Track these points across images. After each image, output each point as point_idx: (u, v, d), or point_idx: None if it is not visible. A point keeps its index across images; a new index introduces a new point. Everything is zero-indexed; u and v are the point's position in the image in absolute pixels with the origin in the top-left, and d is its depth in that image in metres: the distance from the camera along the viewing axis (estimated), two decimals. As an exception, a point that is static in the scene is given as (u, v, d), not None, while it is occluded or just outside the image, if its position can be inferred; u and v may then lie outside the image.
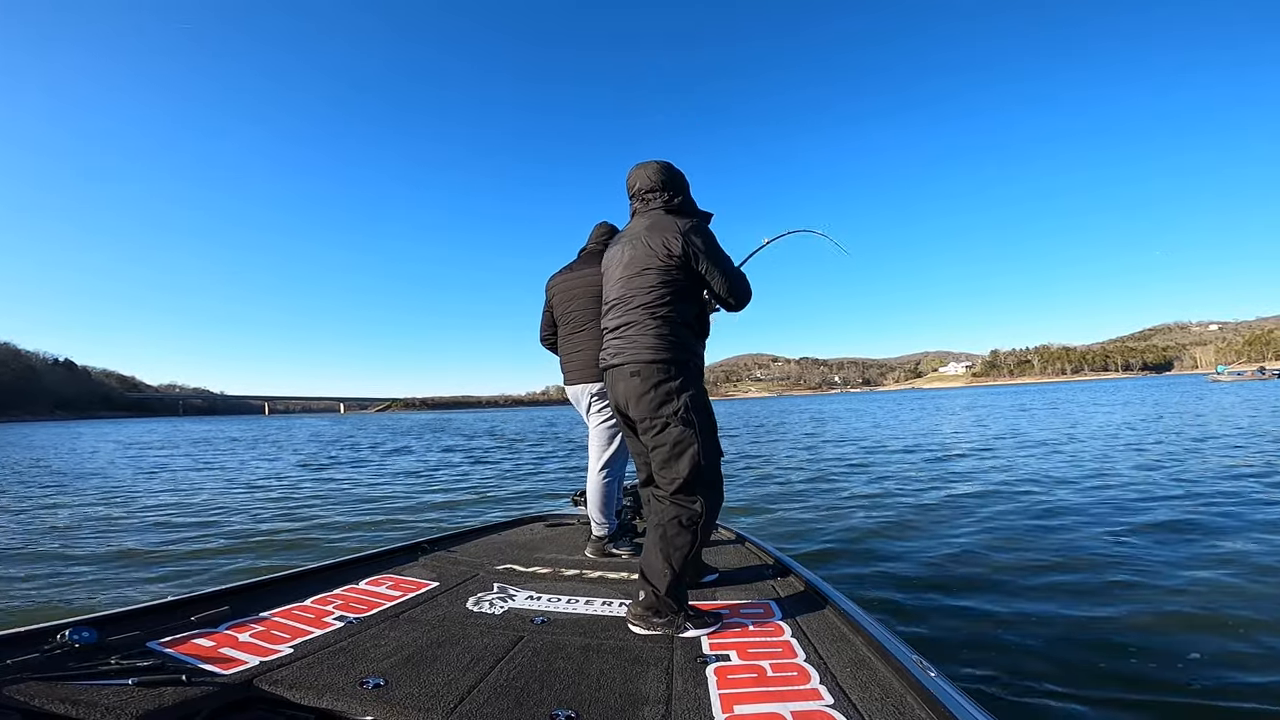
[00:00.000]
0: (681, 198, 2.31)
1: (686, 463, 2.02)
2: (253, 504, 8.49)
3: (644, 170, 2.30)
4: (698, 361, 2.20)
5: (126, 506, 8.49)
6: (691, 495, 2.04)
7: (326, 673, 1.59)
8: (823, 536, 5.45)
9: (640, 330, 2.12)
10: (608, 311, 2.30)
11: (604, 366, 2.27)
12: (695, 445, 2.03)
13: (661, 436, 2.06)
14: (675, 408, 2.05)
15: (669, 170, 2.30)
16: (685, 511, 2.03)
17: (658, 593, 1.93)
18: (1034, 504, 6.37)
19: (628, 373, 2.11)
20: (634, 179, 2.34)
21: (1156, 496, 6.39)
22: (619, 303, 2.23)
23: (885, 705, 1.41)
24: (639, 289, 2.16)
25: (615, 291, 2.27)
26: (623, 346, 2.15)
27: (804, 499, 7.41)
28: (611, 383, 2.23)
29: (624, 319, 2.18)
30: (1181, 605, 3.36)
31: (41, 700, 1.34)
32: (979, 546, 4.81)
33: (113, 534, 6.49)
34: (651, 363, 2.07)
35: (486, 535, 3.56)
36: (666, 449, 2.05)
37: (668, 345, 2.09)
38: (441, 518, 7.36)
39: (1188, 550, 4.41)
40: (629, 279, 2.19)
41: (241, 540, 6.07)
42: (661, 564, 1.97)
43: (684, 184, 2.34)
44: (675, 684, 1.55)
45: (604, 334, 2.31)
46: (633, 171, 2.35)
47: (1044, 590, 3.72)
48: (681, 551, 1.99)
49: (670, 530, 2.01)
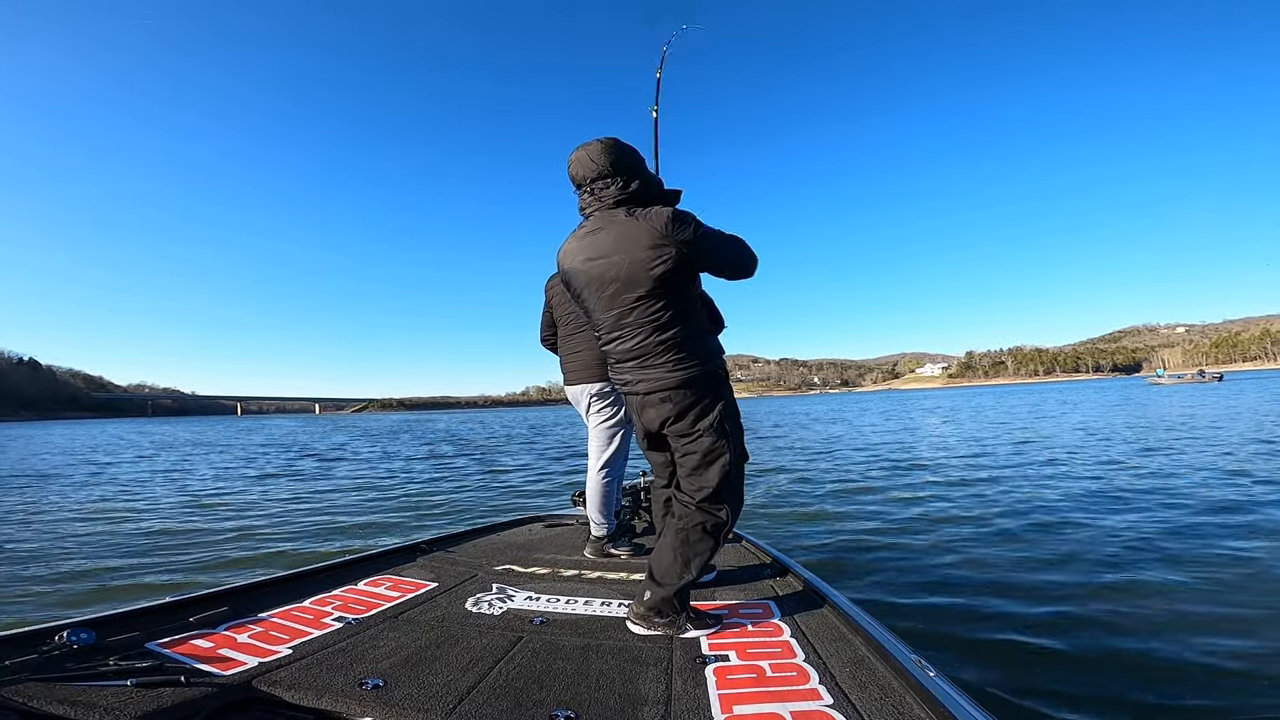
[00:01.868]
0: (639, 181, 1.96)
1: (716, 472, 1.97)
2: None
3: (585, 153, 1.94)
4: (722, 362, 2.07)
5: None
6: (719, 504, 2.00)
7: (325, 673, 1.59)
8: (817, 536, 5.47)
9: (658, 358, 1.95)
10: (609, 339, 2.07)
11: (627, 392, 2.11)
12: (727, 455, 1.98)
13: (693, 446, 2.00)
14: (711, 420, 1.97)
15: (616, 149, 1.94)
16: (711, 519, 1.99)
17: (665, 593, 1.92)
18: (1024, 502, 6.47)
19: (657, 400, 1.99)
20: (576, 166, 1.97)
21: (1164, 502, 6.33)
22: (621, 333, 2.00)
23: (884, 705, 1.41)
24: (643, 320, 1.92)
25: (609, 319, 2.01)
26: (645, 374, 1.99)
27: (798, 500, 7.42)
28: (638, 408, 2.09)
29: (635, 349, 1.98)
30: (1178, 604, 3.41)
31: (40, 701, 1.32)
32: (978, 546, 4.85)
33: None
34: (680, 387, 1.95)
35: (485, 535, 3.55)
36: (697, 457, 1.99)
37: (692, 363, 1.95)
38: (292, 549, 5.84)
39: (1184, 549, 4.47)
40: (622, 301, 1.94)
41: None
42: (680, 566, 1.95)
43: (636, 162, 1.99)
44: (675, 684, 1.55)
45: (611, 360, 2.15)
46: (573, 156, 1.97)
47: (1042, 589, 3.74)
48: (702, 557, 1.97)
49: (693, 535, 1.98)
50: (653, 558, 2.05)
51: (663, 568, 1.97)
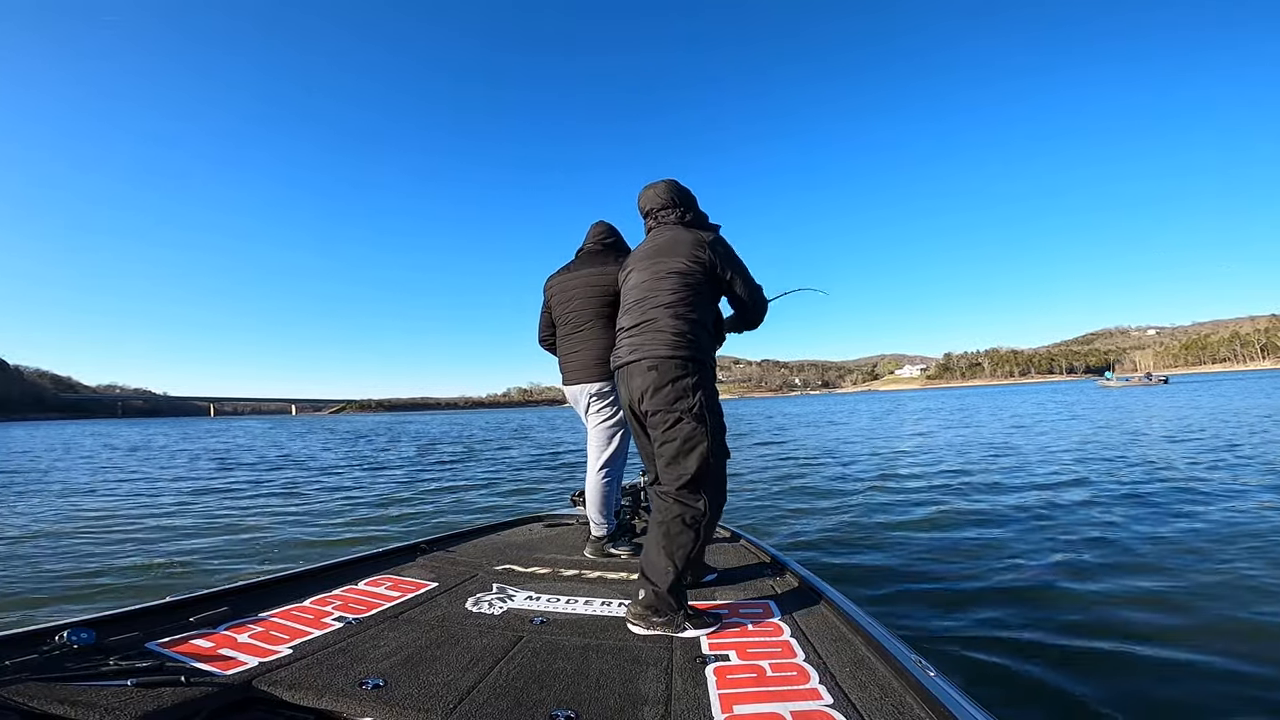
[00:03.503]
0: (693, 213, 2.46)
1: (695, 459, 2.04)
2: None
3: (654, 190, 2.47)
4: (712, 363, 2.24)
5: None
6: (696, 494, 2.06)
7: (326, 673, 1.58)
8: (811, 533, 5.51)
9: (659, 327, 2.15)
10: (627, 310, 2.34)
11: (618, 364, 2.28)
12: (705, 443, 2.05)
13: (672, 432, 2.08)
14: (690, 404, 2.07)
15: (678, 187, 2.47)
16: (689, 510, 2.04)
17: (658, 591, 1.94)
18: (1014, 501, 6.55)
19: (645, 367, 2.13)
20: (646, 199, 2.50)
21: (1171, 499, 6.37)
22: (640, 302, 2.27)
23: (885, 705, 1.42)
24: (661, 290, 2.22)
25: (636, 292, 2.32)
26: (640, 343, 2.18)
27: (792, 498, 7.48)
28: (626, 378, 2.23)
29: (642, 318, 2.22)
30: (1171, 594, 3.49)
31: (40, 701, 1.31)
32: (975, 544, 4.89)
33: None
34: (669, 358, 2.09)
35: (485, 535, 3.54)
36: (676, 444, 2.06)
37: (686, 343, 2.12)
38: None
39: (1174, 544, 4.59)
40: (652, 281, 2.26)
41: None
42: (665, 562, 1.98)
43: (693, 199, 2.49)
44: (675, 684, 1.56)
45: (620, 335, 2.34)
46: (644, 192, 2.51)
47: (1040, 589, 3.77)
48: (684, 550, 2.01)
49: (674, 528, 2.03)
50: (643, 557, 2.09)
51: (651, 565, 2.01)
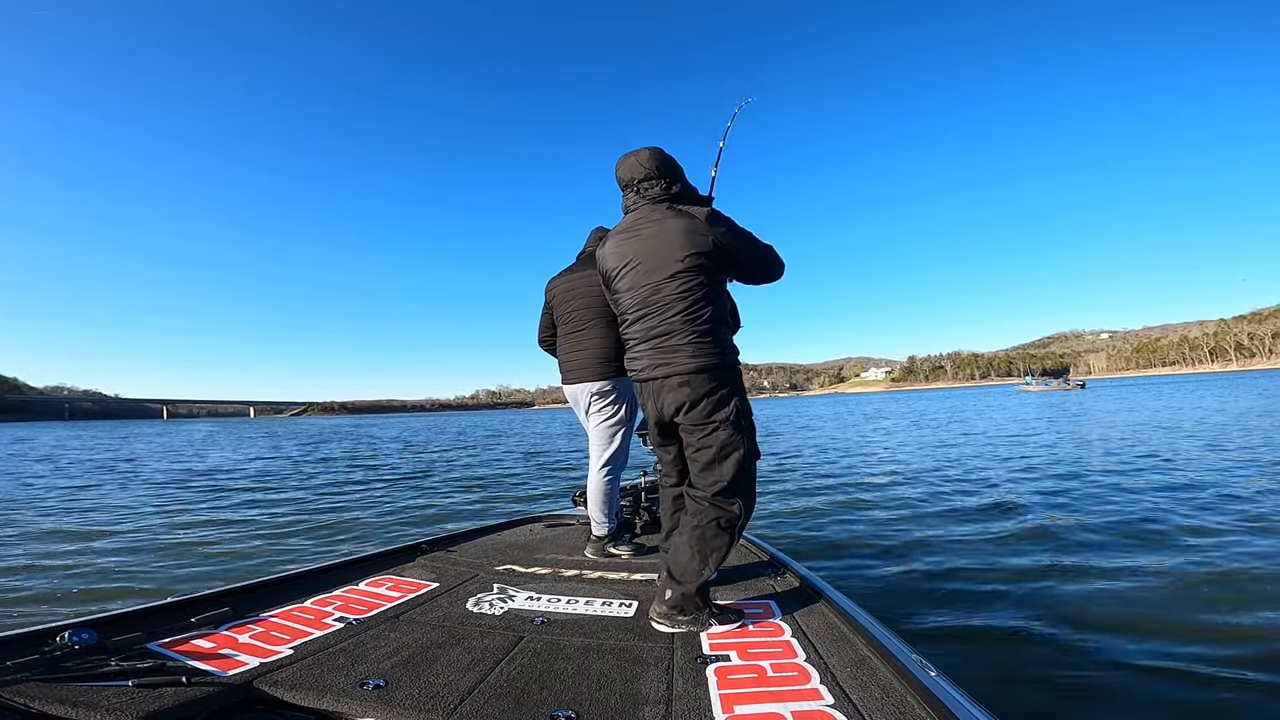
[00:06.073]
0: (679, 185, 2.18)
1: (731, 466, 2.01)
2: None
3: (635, 159, 2.16)
4: (738, 358, 2.15)
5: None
6: (731, 498, 2.03)
7: (327, 674, 1.59)
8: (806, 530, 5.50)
9: (681, 339, 2.02)
10: (634, 318, 2.15)
11: (643, 379, 2.15)
12: (742, 450, 2.01)
13: (708, 439, 2.02)
14: (727, 413, 2.01)
15: (661, 156, 2.16)
16: (724, 514, 2.02)
17: (686, 591, 1.94)
18: (1006, 501, 6.59)
19: (675, 384, 2.03)
20: (626, 169, 2.18)
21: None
22: (648, 310, 2.09)
23: (885, 705, 1.42)
24: (673, 295, 2.03)
25: (638, 296, 2.12)
26: (665, 358, 2.05)
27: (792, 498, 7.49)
28: (654, 393, 2.11)
29: (660, 328, 2.06)
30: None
31: (41, 702, 1.32)
32: (975, 545, 4.89)
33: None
34: (700, 371, 2.00)
35: (486, 535, 3.54)
36: (712, 451, 2.02)
37: (714, 351, 2.02)
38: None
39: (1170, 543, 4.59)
40: (655, 284, 2.06)
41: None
42: (699, 564, 1.98)
43: (679, 170, 2.21)
44: (675, 684, 1.56)
45: (631, 342, 2.20)
46: (622, 161, 2.20)
47: (1039, 587, 3.77)
48: (719, 552, 2.01)
49: (709, 532, 2.01)
50: (670, 556, 2.07)
51: (681, 566, 2.00)
